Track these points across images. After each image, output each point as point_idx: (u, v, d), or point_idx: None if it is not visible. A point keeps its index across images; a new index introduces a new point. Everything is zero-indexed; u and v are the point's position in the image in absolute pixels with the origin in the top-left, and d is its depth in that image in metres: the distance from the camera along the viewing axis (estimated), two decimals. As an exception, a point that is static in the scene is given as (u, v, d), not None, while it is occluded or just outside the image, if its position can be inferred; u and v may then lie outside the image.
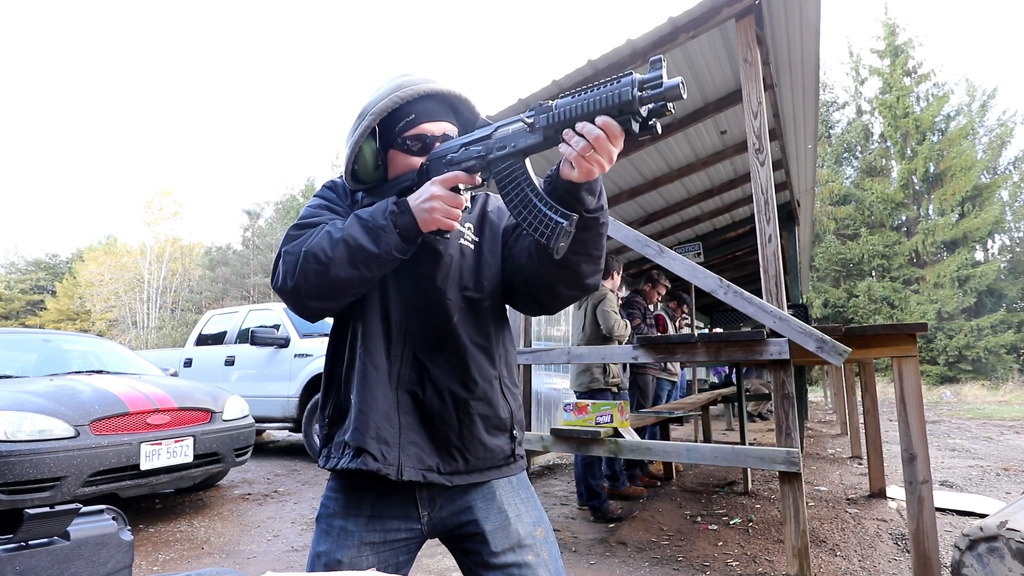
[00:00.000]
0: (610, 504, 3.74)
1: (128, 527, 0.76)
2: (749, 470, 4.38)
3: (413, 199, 0.94)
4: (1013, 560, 1.60)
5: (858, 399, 6.14)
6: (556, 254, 0.86)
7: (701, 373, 11.04)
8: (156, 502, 4.35)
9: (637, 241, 3.03)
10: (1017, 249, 21.53)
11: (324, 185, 1.14)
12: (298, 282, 0.93)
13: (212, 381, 6.07)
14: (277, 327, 6.29)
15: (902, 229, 22.02)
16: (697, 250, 5.45)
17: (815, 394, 17.05)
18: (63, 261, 36.95)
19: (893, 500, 4.06)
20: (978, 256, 21.28)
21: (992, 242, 22.05)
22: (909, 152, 21.30)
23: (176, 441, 3.61)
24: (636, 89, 0.74)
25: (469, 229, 1.09)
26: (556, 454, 5.83)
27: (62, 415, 3.24)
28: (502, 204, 1.14)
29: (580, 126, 0.78)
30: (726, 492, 4.37)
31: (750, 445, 3.39)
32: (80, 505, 0.70)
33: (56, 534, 0.67)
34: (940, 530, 3.04)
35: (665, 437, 4.44)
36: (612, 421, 3.13)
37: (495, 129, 0.92)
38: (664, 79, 0.73)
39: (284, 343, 6.02)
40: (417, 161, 1.03)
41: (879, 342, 2.68)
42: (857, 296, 20.65)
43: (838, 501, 4.07)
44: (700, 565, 2.81)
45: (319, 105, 79.05)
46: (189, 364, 6.92)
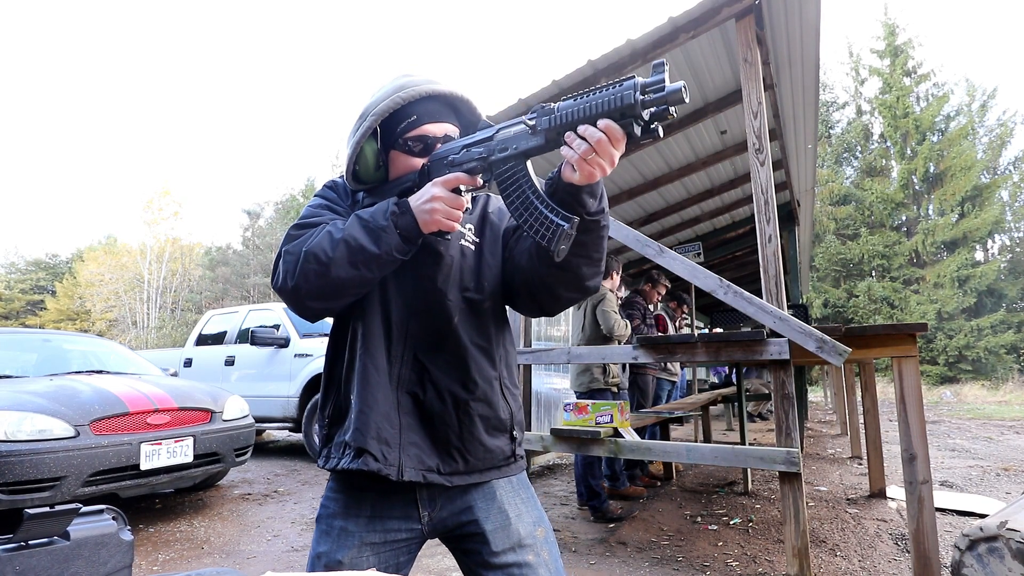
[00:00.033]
0: (610, 504, 3.74)
1: (128, 527, 0.76)
2: (749, 470, 4.38)
3: (414, 200, 0.94)
4: (1013, 560, 1.60)
5: (858, 399, 6.14)
6: (557, 257, 0.85)
7: (701, 373, 11.04)
8: (156, 502, 4.35)
9: (637, 241, 3.03)
10: (1017, 249, 21.52)
11: (325, 185, 1.14)
12: (298, 282, 0.93)
13: (212, 381, 6.07)
14: (277, 327, 6.29)
15: (902, 229, 22.02)
16: (697, 250, 5.45)
17: (815, 394, 17.05)
18: (63, 261, 36.96)
19: (893, 500, 4.06)
20: (978, 256, 21.29)
21: (992, 242, 22.06)
22: (909, 152, 21.31)
23: (176, 441, 3.61)
24: (638, 93, 0.74)
25: (470, 230, 1.09)
26: (556, 454, 5.83)
27: (62, 415, 3.24)
28: (503, 205, 1.14)
29: (582, 129, 0.78)
30: (726, 492, 4.37)
31: (750, 445, 3.39)
32: (80, 505, 0.70)
33: (56, 534, 0.67)
34: (940, 530, 3.04)
35: (665, 437, 4.44)
36: (612, 421, 3.13)
37: (497, 131, 0.91)
38: (666, 83, 0.73)
39: (284, 343, 6.02)
40: (418, 162, 1.02)
41: (879, 342, 2.68)
42: (857, 296, 20.65)
43: (838, 501, 4.07)
44: (700, 565, 2.81)
45: (319, 105, 79.13)
46: (189, 364, 6.92)
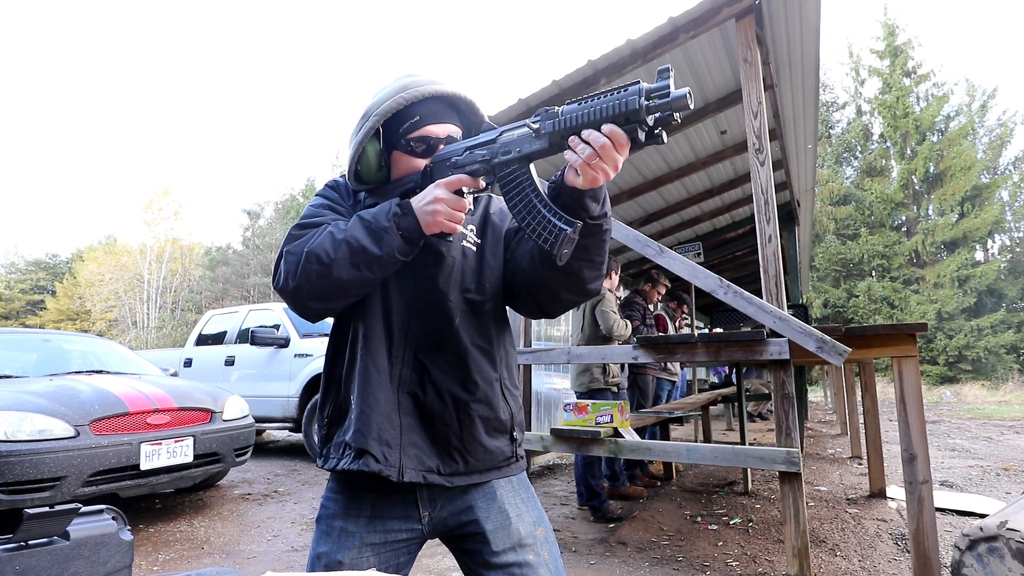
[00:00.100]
0: (610, 504, 3.74)
1: (128, 527, 0.76)
2: (749, 470, 4.38)
3: (416, 201, 0.93)
4: (1013, 560, 1.60)
5: (858, 399, 6.14)
6: (559, 260, 0.85)
7: (701, 373, 11.04)
8: (156, 502, 4.35)
9: (637, 241, 3.03)
10: (1017, 249, 21.52)
11: (326, 184, 1.13)
12: (300, 282, 0.93)
13: (212, 381, 6.07)
14: (277, 327, 6.29)
15: (902, 229, 22.02)
16: (697, 250, 5.46)
17: (815, 394, 17.05)
18: (63, 261, 36.96)
19: (893, 500, 4.06)
20: (978, 256, 21.28)
21: (992, 242, 22.06)
22: (909, 152, 21.30)
23: (176, 441, 3.61)
24: (643, 98, 0.74)
25: (471, 231, 1.08)
26: (556, 454, 5.83)
27: (62, 415, 3.24)
28: (504, 206, 1.13)
29: (586, 133, 0.78)
30: (726, 492, 4.37)
31: (750, 445, 3.39)
32: (80, 505, 0.70)
33: (56, 534, 0.67)
34: (940, 530, 3.04)
35: (665, 437, 4.44)
36: (612, 421, 3.13)
37: (500, 133, 0.91)
38: (671, 89, 0.73)
39: (284, 343, 6.02)
40: (421, 163, 1.02)
41: (879, 342, 2.68)
42: (857, 296, 20.65)
43: (838, 501, 4.07)
44: (700, 565, 2.81)
45: (319, 105, 79.16)
46: (189, 364, 6.92)
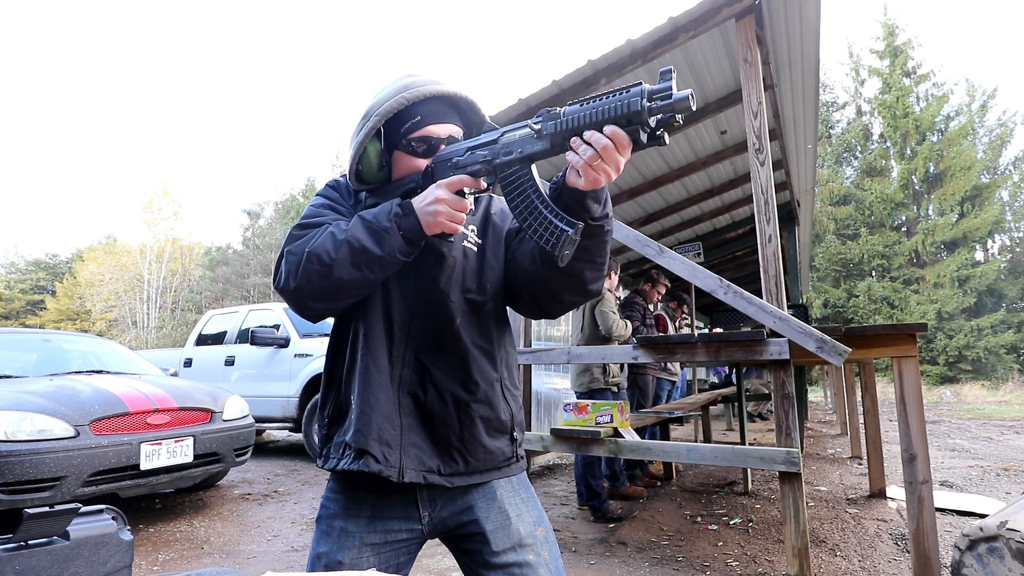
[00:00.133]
0: (610, 504, 3.74)
1: (128, 527, 0.76)
2: (749, 470, 4.38)
3: (418, 202, 0.93)
4: (1013, 560, 1.60)
5: (858, 399, 6.14)
6: (561, 262, 0.85)
7: (701, 373, 11.04)
8: (156, 502, 4.35)
9: (637, 241, 3.03)
10: (1017, 249, 21.52)
11: (327, 184, 1.13)
12: (301, 283, 0.93)
13: (212, 381, 6.07)
14: (277, 327, 6.29)
15: (902, 229, 22.02)
16: (697, 250, 5.46)
17: (815, 394, 17.05)
18: (63, 261, 36.95)
19: (893, 500, 4.06)
20: (978, 256, 21.28)
21: (992, 242, 22.05)
22: (909, 152, 21.31)
23: (176, 441, 3.61)
24: (645, 100, 0.74)
25: (472, 231, 1.08)
26: (556, 454, 5.83)
27: (62, 415, 3.24)
28: (505, 206, 1.13)
29: (588, 135, 0.78)
30: (726, 492, 4.37)
31: (750, 445, 3.39)
32: (80, 505, 0.70)
33: (56, 534, 0.67)
34: (940, 530, 3.04)
35: (665, 437, 4.44)
36: (612, 421, 3.13)
37: (502, 134, 0.91)
38: (674, 91, 0.73)
39: (284, 343, 6.02)
40: (422, 163, 1.02)
41: (879, 342, 2.68)
42: (857, 296, 20.65)
43: (838, 501, 4.07)
44: (700, 565, 2.81)
45: (319, 105, 79.16)
46: (189, 364, 6.92)
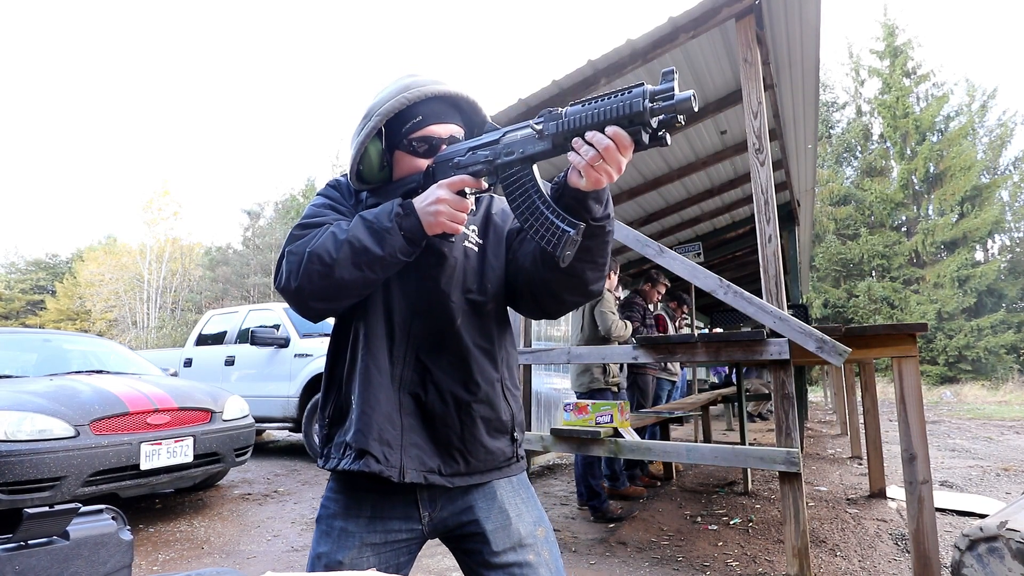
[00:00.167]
0: (610, 504, 3.74)
1: (127, 527, 0.76)
2: (749, 470, 4.38)
3: (419, 202, 0.93)
4: (1013, 560, 1.60)
5: (858, 399, 6.14)
6: (562, 262, 0.85)
7: (701, 373, 11.04)
8: (156, 502, 4.35)
9: (637, 241, 3.03)
10: (1017, 249, 21.52)
11: (328, 184, 1.13)
12: (301, 283, 0.93)
13: (212, 381, 6.07)
14: (277, 327, 6.29)
15: (902, 229, 22.02)
16: (697, 250, 5.45)
17: (815, 394, 17.04)
18: (63, 261, 36.95)
19: (893, 500, 4.06)
20: (978, 256, 21.28)
21: (992, 242, 22.06)
22: (909, 152, 21.31)
23: (176, 441, 3.61)
24: (647, 100, 0.74)
25: (473, 232, 1.08)
26: (556, 454, 5.83)
27: (62, 415, 3.24)
28: (506, 206, 1.13)
29: (590, 135, 0.77)
30: (726, 492, 4.37)
31: (750, 445, 3.39)
32: (79, 505, 0.70)
33: (55, 534, 0.67)
34: (940, 530, 3.04)
35: (665, 437, 4.44)
36: (612, 421, 3.13)
37: (503, 134, 0.91)
38: (676, 91, 0.73)
39: (284, 343, 6.02)
40: (423, 163, 1.02)
41: (879, 342, 2.68)
42: (857, 296, 20.65)
43: (838, 501, 4.07)
44: (700, 565, 2.81)
45: (319, 105, 79.15)
46: (189, 364, 6.92)
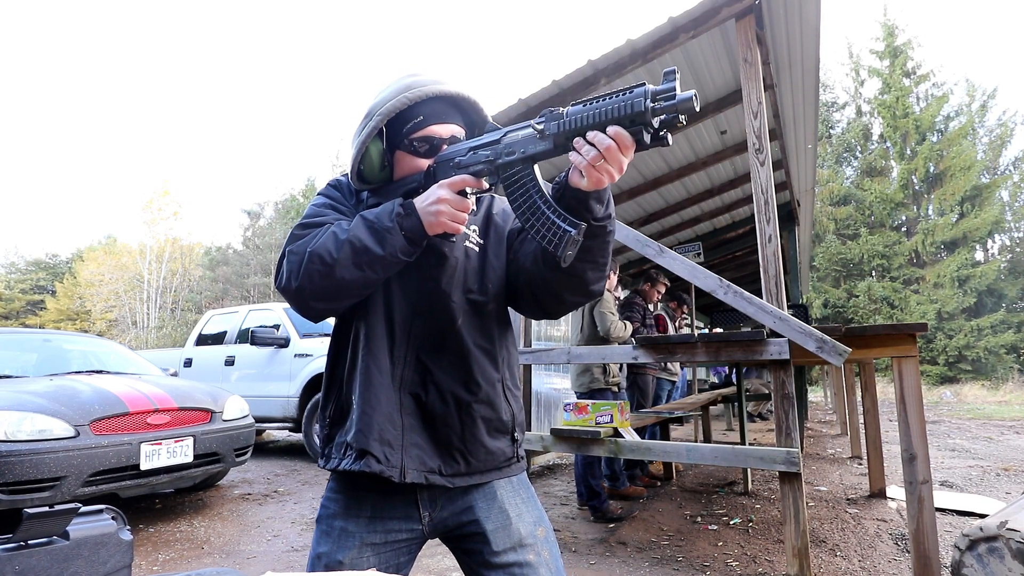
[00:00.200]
0: (610, 504, 3.74)
1: (127, 527, 0.76)
2: (749, 470, 4.38)
3: (420, 201, 0.93)
4: (1013, 560, 1.60)
5: (858, 399, 6.14)
6: (564, 262, 0.85)
7: (701, 373, 11.04)
8: (156, 502, 4.35)
9: (637, 241, 3.03)
10: (1017, 249, 21.52)
11: (329, 183, 1.13)
12: (302, 282, 0.93)
13: (212, 381, 6.07)
14: (277, 327, 6.29)
15: (902, 229, 22.02)
16: (697, 250, 5.44)
17: (815, 394, 17.04)
18: (63, 261, 36.94)
19: (893, 500, 4.06)
20: (978, 256, 21.28)
21: (992, 242, 22.05)
22: (909, 152, 21.31)
23: (176, 441, 3.61)
24: (649, 100, 0.74)
25: (474, 232, 1.08)
26: (556, 454, 5.83)
27: (62, 415, 3.24)
28: (507, 206, 1.13)
29: (591, 135, 0.77)
30: (726, 492, 4.37)
31: (750, 445, 3.39)
32: (79, 505, 0.70)
33: (55, 534, 0.67)
34: (940, 530, 3.04)
35: (665, 437, 4.44)
36: (612, 421, 3.13)
37: (504, 134, 0.91)
38: (678, 91, 0.73)
39: (284, 343, 6.02)
40: (424, 163, 1.02)
41: (879, 342, 2.68)
42: (857, 296, 20.64)
43: (838, 501, 4.07)
44: (700, 565, 2.81)
45: (319, 105, 79.15)
46: (189, 364, 6.92)
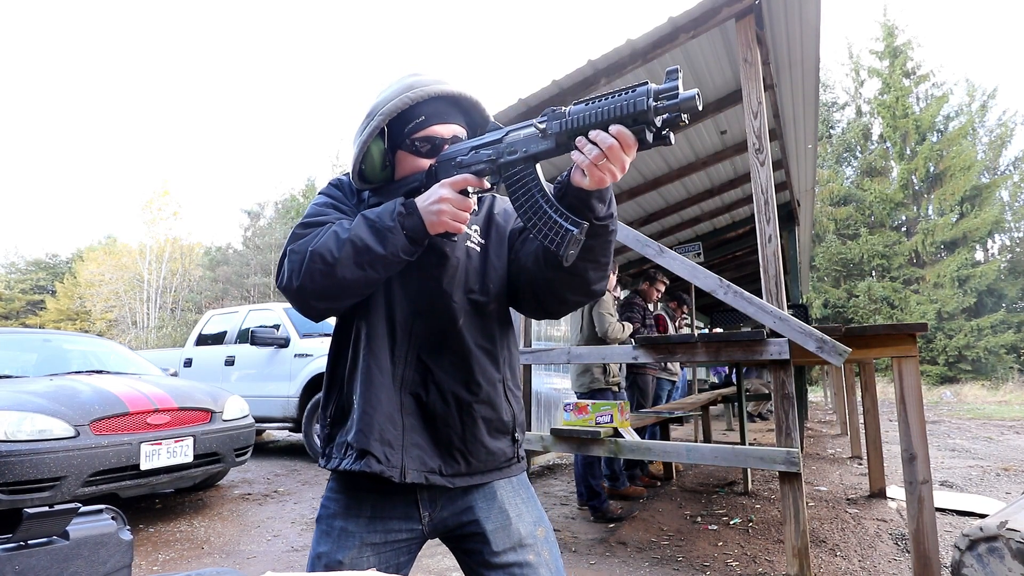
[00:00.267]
0: (610, 504, 3.74)
1: (127, 527, 0.76)
2: (749, 470, 4.38)
3: (421, 201, 0.93)
4: (1013, 560, 1.60)
5: (858, 399, 6.14)
6: (566, 261, 0.85)
7: (701, 373, 11.03)
8: (156, 502, 4.35)
9: (637, 241, 3.03)
10: (1017, 249, 21.51)
11: (330, 183, 1.13)
12: (303, 282, 0.93)
13: (212, 381, 6.07)
14: (277, 327, 6.29)
15: (902, 229, 22.02)
16: (697, 250, 5.44)
17: (815, 394, 17.04)
18: (63, 261, 36.94)
19: (893, 500, 4.06)
20: (978, 256, 21.28)
21: (992, 242, 22.05)
22: (909, 152, 21.30)
23: (176, 441, 3.61)
24: (651, 99, 0.74)
25: (476, 231, 1.08)
26: (556, 454, 5.83)
27: (62, 415, 3.24)
28: (508, 206, 1.13)
29: (593, 134, 0.77)
30: (726, 492, 4.37)
31: (750, 445, 3.39)
32: (79, 505, 0.70)
33: (55, 534, 0.67)
34: (940, 530, 3.04)
35: (665, 437, 4.44)
36: (612, 421, 3.13)
37: (506, 133, 0.91)
38: (680, 90, 0.73)
39: (284, 343, 6.02)
40: (425, 163, 1.02)
41: (879, 342, 2.68)
42: (857, 296, 20.64)
43: (838, 501, 4.07)
44: (700, 565, 2.81)
45: (319, 105, 79.13)
46: (189, 364, 6.92)
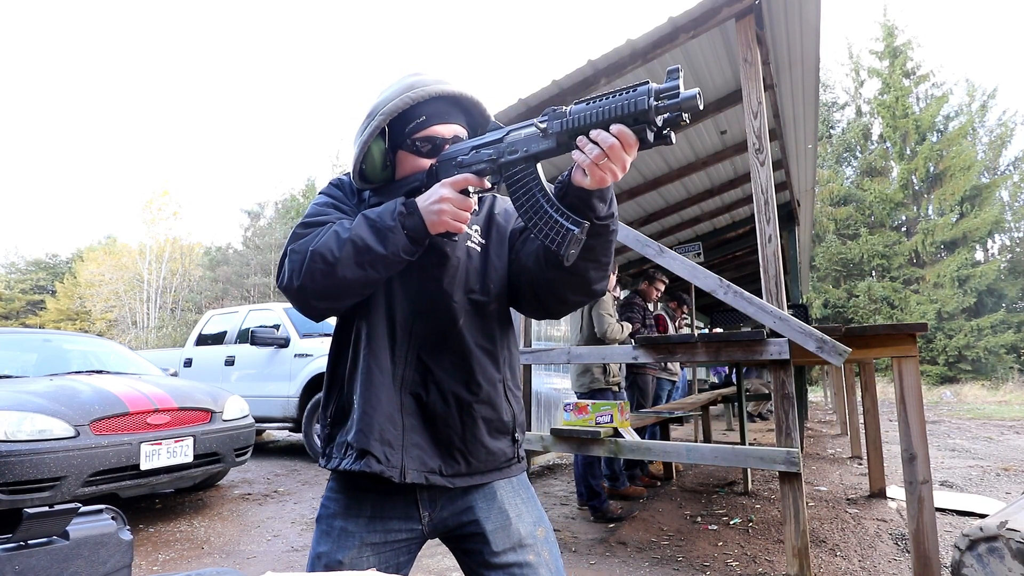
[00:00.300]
0: (610, 504, 3.74)
1: (127, 527, 0.76)
2: (749, 470, 4.38)
3: (422, 200, 0.93)
4: (1013, 560, 1.60)
5: (858, 399, 6.14)
6: (566, 261, 0.85)
7: (701, 373, 11.04)
8: (156, 502, 4.35)
9: (637, 241, 3.03)
10: (1017, 249, 21.51)
11: (331, 183, 1.13)
12: (304, 281, 0.93)
13: (212, 381, 6.07)
14: (277, 327, 6.29)
15: (902, 229, 22.02)
16: (697, 250, 5.44)
17: (815, 394, 17.04)
18: (63, 261, 36.94)
19: (893, 500, 4.06)
20: (978, 256, 21.29)
21: (992, 242, 22.05)
22: (909, 152, 21.31)
23: (176, 441, 3.61)
24: (652, 99, 0.74)
25: (476, 231, 1.08)
26: (556, 454, 5.83)
27: (62, 415, 3.24)
28: (509, 206, 1.13)
29: (594, 134, 0.77)
30: (726, 492, 4.37)
31: (750, 445, 3.39)
32: (79, 505, 0.70)
33: (55, 534, 0.67)
34: (940, 530, 3.04)
35: (665, 437, 4.44)
36: (612, 421, 3.13)
37: (507, 133, 0.91)
38: (681, 90, 0.73)
39: (284, 343, 6.02)
40: (426, 163, 1.02)
41: (879, 342, 2.68)
42: (857, 296, 20.65)
43: (838, 501, 4.07)
44: (700, 565, 2.81)
45: (319, 105, 79.10)
46: (189, 364, 6.92)
